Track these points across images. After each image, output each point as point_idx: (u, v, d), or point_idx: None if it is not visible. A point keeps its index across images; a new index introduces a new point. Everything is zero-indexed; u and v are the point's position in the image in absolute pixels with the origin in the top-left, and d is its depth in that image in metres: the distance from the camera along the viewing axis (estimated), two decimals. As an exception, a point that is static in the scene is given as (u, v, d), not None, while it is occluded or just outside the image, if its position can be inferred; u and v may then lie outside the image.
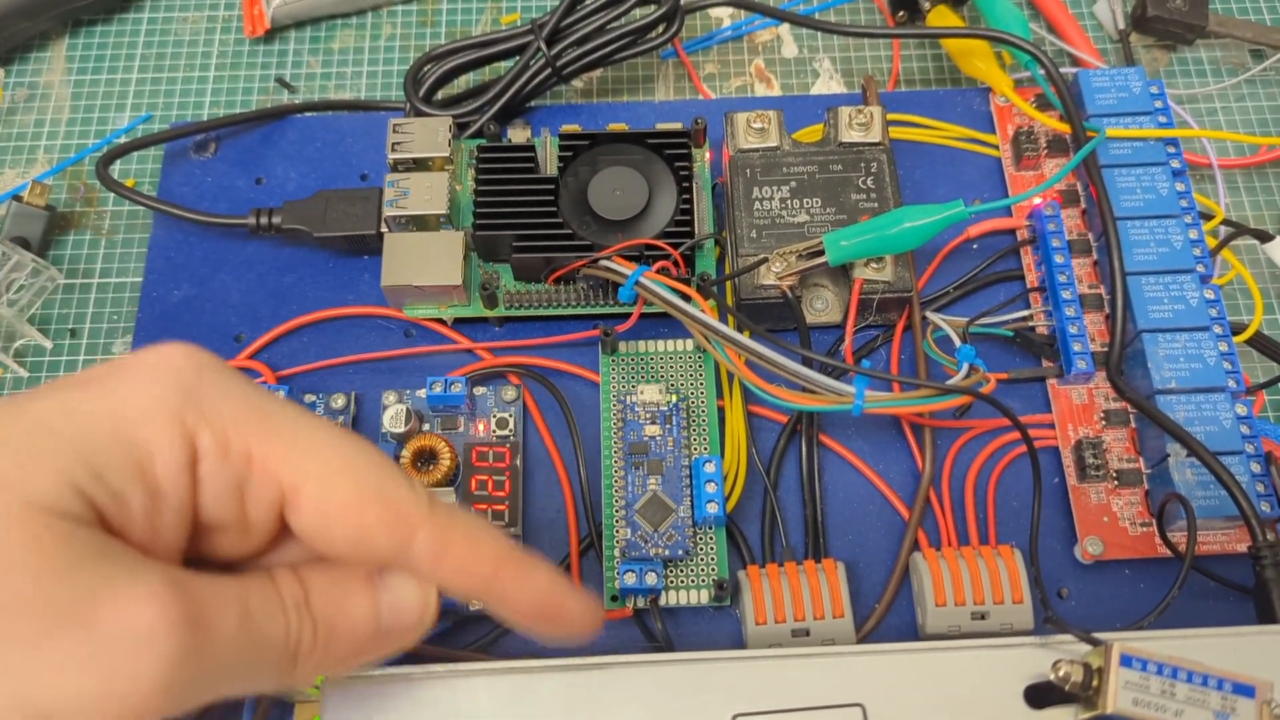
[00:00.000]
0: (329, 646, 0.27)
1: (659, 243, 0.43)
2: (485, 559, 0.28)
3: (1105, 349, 0.44)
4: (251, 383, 0.28)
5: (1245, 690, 0.30)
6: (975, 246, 0.48)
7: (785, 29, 0.57)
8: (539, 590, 0.29)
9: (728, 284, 0.45)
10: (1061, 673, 0.31)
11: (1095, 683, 0.31)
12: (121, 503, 0.24)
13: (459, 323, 0.46)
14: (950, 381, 0.39)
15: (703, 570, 0.41)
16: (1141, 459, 0.43)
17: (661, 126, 0.47)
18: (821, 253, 0.43)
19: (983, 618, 0.39)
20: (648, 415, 0.42)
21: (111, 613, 0.23)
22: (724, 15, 0.57)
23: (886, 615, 0.41)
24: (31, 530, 0.23)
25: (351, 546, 0.27)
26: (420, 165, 0.46)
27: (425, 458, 0.43)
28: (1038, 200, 0.47)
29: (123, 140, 0.52)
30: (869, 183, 0.45)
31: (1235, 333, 0.44)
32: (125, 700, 0.23)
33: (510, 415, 0.44)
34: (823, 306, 0.45)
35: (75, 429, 0.24)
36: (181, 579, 0.24)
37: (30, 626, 0.22)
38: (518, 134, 0.48)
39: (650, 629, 0.41)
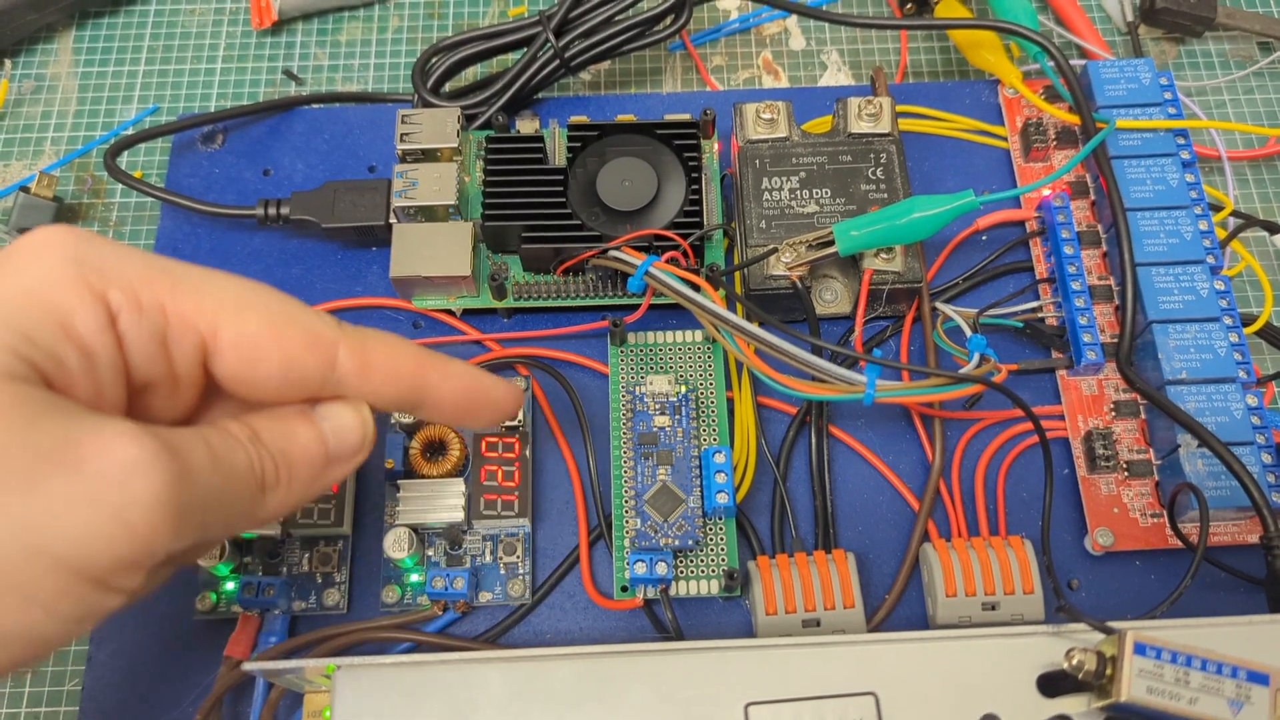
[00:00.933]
0: (290, 474, 0.29)
1: (668, 233, 0.43)
2: (406, 362, 0.30)
3: (1115, 340, 0.44)
4: (143, 250, 0.29)
5: (1259, 678, 0.30)
6: (984, 238, 0.48)
7: (793, 21, 0.57)
8: (462, 380, 0.32)
9: (737, 275, 0.45)
10: (1075, 661, 0.31)
11: (1109, 671, 0.31)
12: (59, 363, 0.25)
13: (468, 314, 0.46)
14: (962, 371, 0.39)
15: (713, 560, 0.41)
16: (1152, 450, 0.43)
17: (670, 117, 0.46)
18: (831, 243, 0.43)
19: (993, 608, 0.39)
20: (657, 406, 0.42)
21: (95, 451, 0.24)
22: (731, 7, 0.57)
23: (896, 606, 0.41)
24: None
25: (279, 378, 0.28)
26: (429, 156, 0.46)
27: (435, 448, 0.42)
28: (1047, 191, 0.47)
29: (130, 132, 0.52)
30: (878, 173, 0.45)
31: (1245, 324, 0.44)
32: (134, 528, 0.24)
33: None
34: (832, 298, 0.45)
35: None
36: (144, 424, 0.25)
37: (20, 475, 0.23)
38: (526, 125, 0.48)
39: (660, 619, 0.41)
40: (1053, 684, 0.32)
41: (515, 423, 0.43)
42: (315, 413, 0.30)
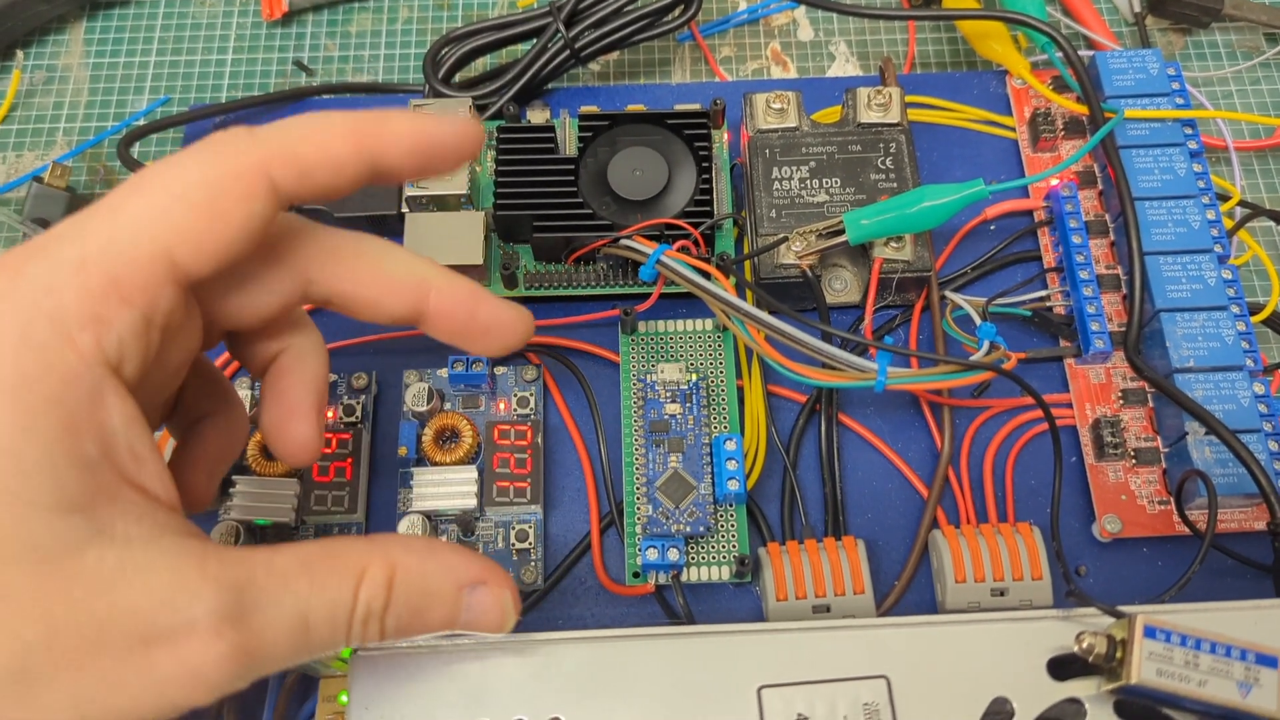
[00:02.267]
0: (389, 637, 0.28)
1: (679, 222, 0.43)
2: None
3: (1123, 329, 0.45)
4: None
5: (1269, 661, 0.31)
6: (993, 227, 0.48)
7: (801, 12, 0.57)
8: (504, 314, 0.32)
9: (747, 263, 0.45)
10: (1085, 644, 0.31)
11: (1119, 654, 0.31)
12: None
13: (479, 303, 0.47)
14: (972, 358, 0.40)
15: (724, 547, 0.41)
16: (1159, 438, 0.43)
17: (680, 107, 0.47)
18: (841, 232, 0.43)
19: (1002, 594, 0.39)
20: (668, 394, 0.43)
21: (167, 654, 0.24)
22: (740, -2, 0.57)
23: (906, 592, 0.42)
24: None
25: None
26: (440, 146, 0.46)
27: (447, 436, 0.43)
28: (1055, 181, 0.48)
29: (142, 122, 0.52)
30: (888, 163, 0.46)
31: (1252, 313, 0.44)
32: (189, 704, 0.25)
33: (531, 394, 0.44)
34: (842, 286, 0.46)
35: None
36: (239, 582, 0.25)
37: (81, 657, 0.23)
38: (536, 115, 0.48)
39: (671, 605, 0.41)
40: (1063, 667, 0.33)
41: (527, 411, 0.44)
42: (466, 598, 0.30)
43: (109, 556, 0.24)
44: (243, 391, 0.43)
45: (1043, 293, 0.46)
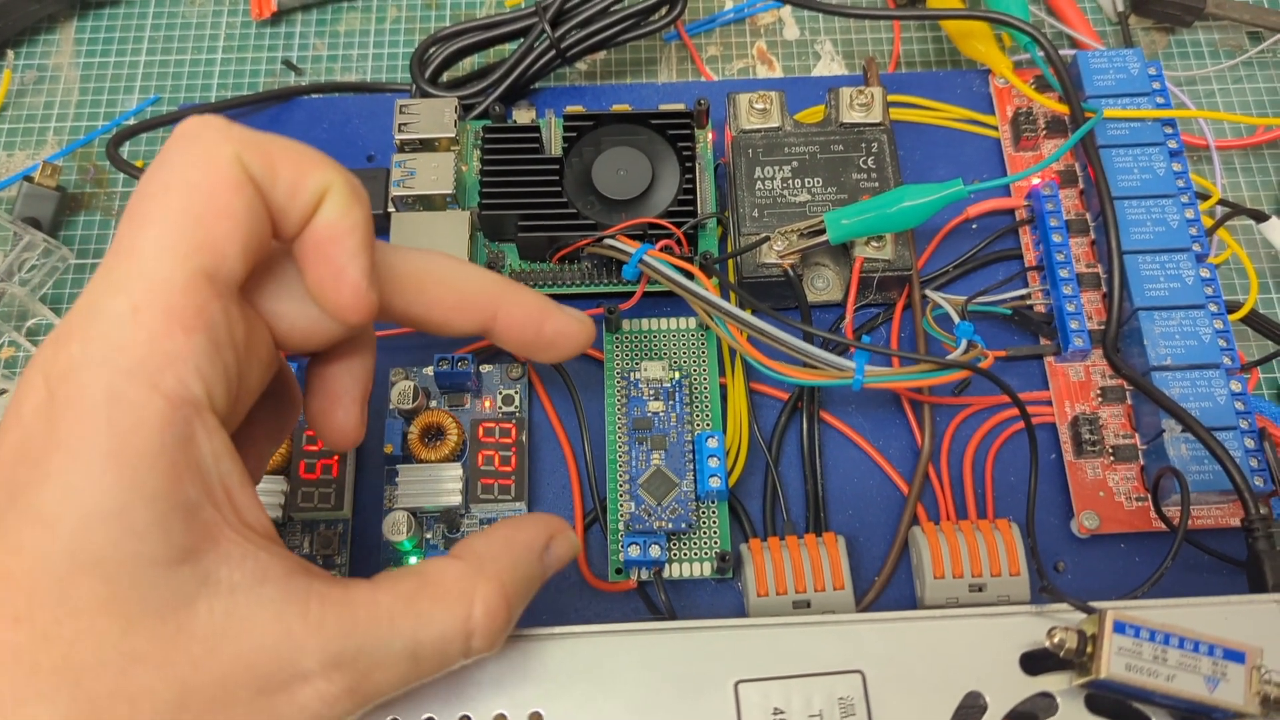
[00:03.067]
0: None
1: (662, 221, 0.44)
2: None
3: (1102, 327, 0.45)
4: None
5: (1235, 656, 0.31)
6: (974, 226, 0.49)
7: (787, 11, 0.58)
8: (568, 326, 0.34)
9: (730, 262, 0.45)
10: (1056, 639, 0.32)
11: (1089, 649, 0.31)
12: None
13: (465, 301, 0.47)
14: (949, 356, 0.40)
15: (705, 543, 0.42)
16: (1137, 435, 0.44)
17: (665, 107, 0.47)
18: (822, 231, 0.43)
19: (980, 590, 0.40)
20: (651, 392, 0.43)
21: (287, 702, 0.25)
22: (726, -2, 0.58)
23: (886, 588, 0.42)
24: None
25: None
26: (426, 146, 0.47)
27: (432, 433, 0.43)
28: (1036, 180, 0.48)
29: (132, 122, 0.53)
30: (870, 163, 0.46)
31: (1230, 311, 0.45)
32: None
33: (516, 392, 0.44)
34: (824, 285, 0.46)
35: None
36: (345, 628, 0.26)
37: None
38: (522, 115, 0.49)
39: (654, 601, 0.42)
40: (1035, 662, 0.33)
41: (512, 408, 0.44)
42: (549, 561, 0.33)
43: (217, 608, 0.25)
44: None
45: (1023, 291, 0.46)
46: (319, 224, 0.27)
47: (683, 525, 0.41)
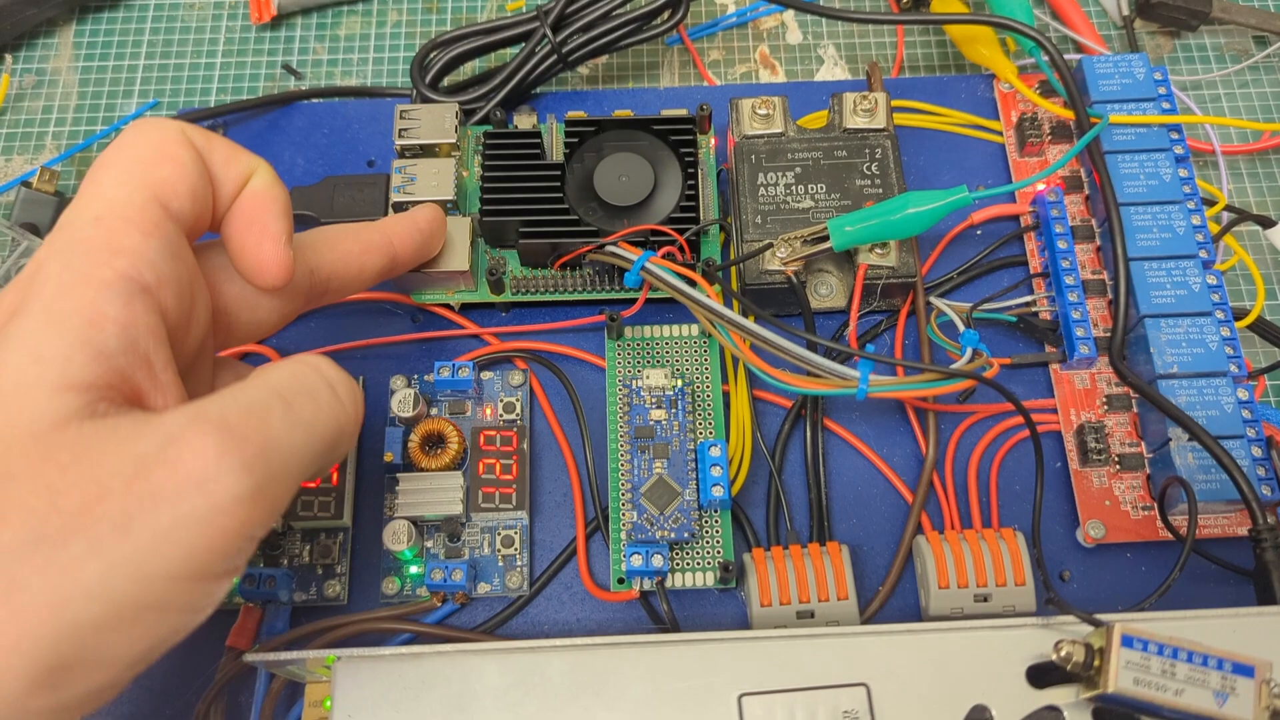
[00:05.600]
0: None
1: (665, 228, 0.43)
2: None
3: (1108, 334, 0.45)
4: None
5: (1245, 670, 0.31)
6: (979, 232, 0.48)
7: (790, 15, 0.57)
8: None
9: (733, 269, 0.45)
10: (1063, 653, 0.31)
11: (1096, 663, 0.31)
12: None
13: (466, 308, 0.47)
14: (954, 366, 0.40)
15: (708, 553, 0.42)
16: (1143, 443, 0.44)
17: (667, 113, 0.47)
18: (826, 238, 0.43)
19: (985, 600, 0.39)
20: (653, 400, 0.43)
21: (168, 474, 0.25)
22: (729, 1, 0.57)
23: (890, 597, 0.42)
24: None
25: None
26: (427, 151, 0.47)
27: (433, 441, 0.43)
28: (1041, 186, 0.48)
29: (131, 127, 0.53)
30: (873, 169, 0.46)
31: (1237, 318, 0.45)
32: (227, 529, 0.26)
33: (517, 399, 0.44)
34: (827, 292, 0.46)
35: None
36: (207, 410, 0.27)
37: (109, 518, 0.25)
38: (524, 120, 0.48)
39: (656, 611, 0.41)
40: (1042, 675, 0.33)
41: (513, 416, 0.44)
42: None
43: (97, 426, 0.26)
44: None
45: (1028, 298, 0.46)
46: (248, 191, 0.32)
47: (685, 534, 0.41)
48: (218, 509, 0.25)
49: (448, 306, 0.47)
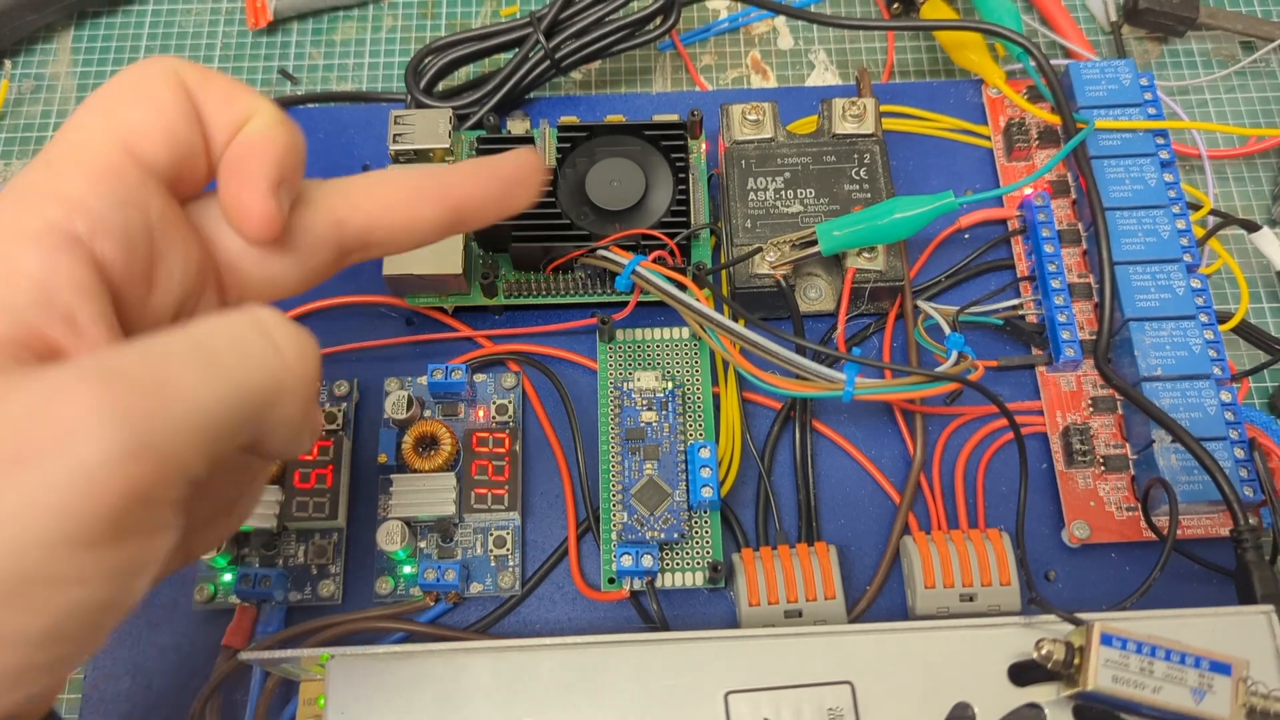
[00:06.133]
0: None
1: (655, 233, 0.44)
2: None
3: (1094, 337, 0.45)
4: None
5: (1222, 668, 0.31)
6: (967, 236, 0.49)
7: (781, 21, 0.58)
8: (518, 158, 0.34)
9: (723, 273, 0.46)
10: (1044, 651, 0.32)
11: (1076, 661, 0.32)
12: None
13: (459, 311, 0.47)
14: (939, 369, 0.40)
15: (698, 553, 0.42)
16: (1128, 445, 0.44)
17: (658, 118, 0.47)
18: (814, 242, 0.43)
19: (971, 599, 0.40)
20: (644, 402, 0.43)
21: (24, 432, 0.22)
22: (721, 7, 0.58)
23: (877, 597, 0.42)
24: None
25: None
26: (421, 156, 0.47)
27: (426, 443, 0.43)
28: (1028, 190, 0.48)
29: (128, 131, 0.53)
30: (862, 174, 0.46)
31: (1221, 321, 0.45)
32: (107, 486, 0.22)
33: (510, 401, 0.45)
34: (816, 295, 0.46)
35: None
36: (106, 362, 0.23)
37: None
38: (517, 125, 0.49)
39: (646, 610, 0.42)
40: (1023, 673, 0.33)
41: (505, 418, 0.44)
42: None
43: None
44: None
45: (1015, 301, 0.47)
46: (241, 135, 0.28)
47: (675, 535, 0.41)
48: (88, 466, 0.21)
49: (442, 310, 0.47)
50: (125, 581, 0.24)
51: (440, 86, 0.53)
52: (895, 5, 0.56)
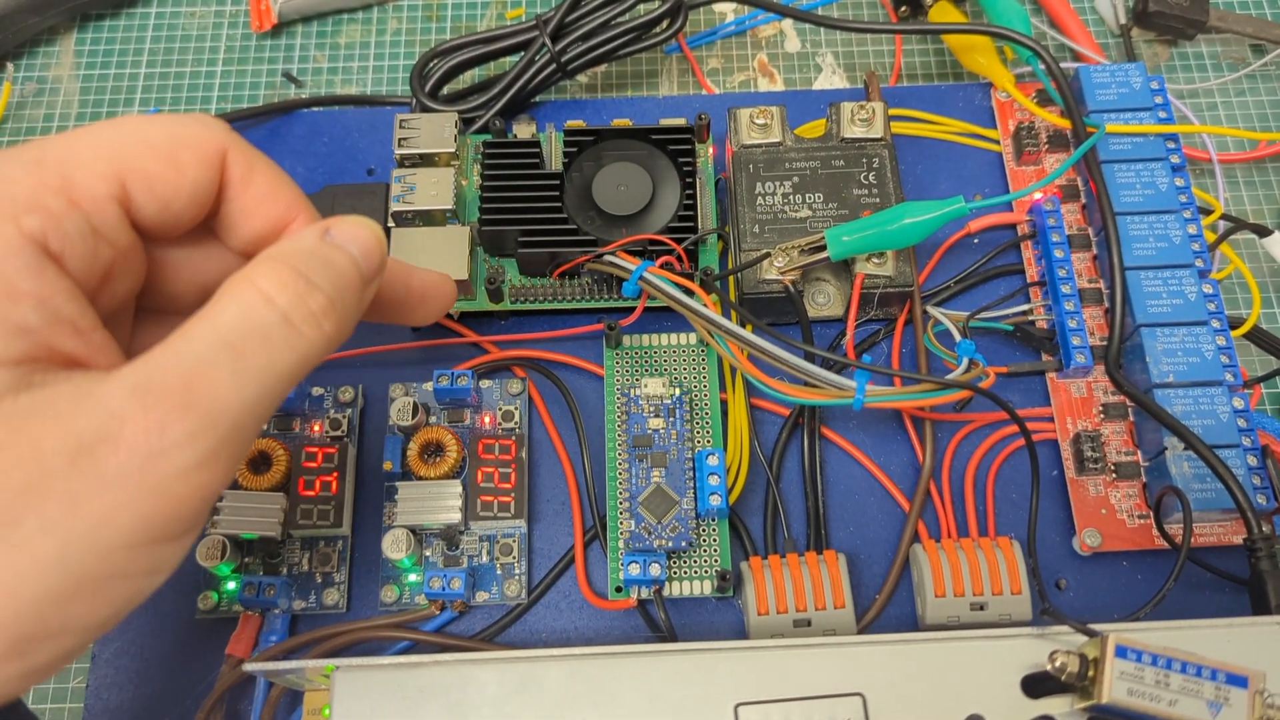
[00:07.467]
0: (342, 313, 0.29)
1: (663, 238, 0.43)
2: (286, 188, 0.31)
3: (1104, 343, 0.45)
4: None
5: (1238, 681, 0.31)
6: (976, 241, 0.49)
7: (788, 24, 0.57)
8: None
9: (730, 279, 0.45)
10: (1058, 663, 0.32)
11: (1091, 673, 0.31)
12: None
13: (465, 316, 0.47)
14: (950, 376, 0.40)
15: (706, 561, 0.42)
16: (1139, 452, 0.44)
17: (665, 122, 0.47)
18: (823, 248, 0.43)
19: (981, 609, 0.40)
20: (651, 408, 0.43)
21: (111, 449, 0.24)
22: (727, 10, 0.58)
23: (887, 606, 0.42)
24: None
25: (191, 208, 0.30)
26: (426, 160, 0.47)
27: (432, 450, 0.43)
28: (1038, 195, 0.48)
29: (131, 135, 0.53)
30: (870, 178, 0.46)
31: (1233, 327, 0.45)
32: (181, 497, 0.25)
33: (515, 408, 0.44)
34: (825, 301, 0.46)
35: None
36: (138, 361, 0.25)
37: (58, 493, 0.24)
38: (523, 129, 0.49)
39: (654, 619, 0.42)
40: (1037, 685, 0.33)
41: (511, 424, 0.44)
42: (332, 238, 0.29)
43: (33, 399, 0.25)
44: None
45: (1025, 307, 0.46)
46: (424, 277, 0.34)
47: (683, 543, 0.41)
48: (168, 479, 0.24)
49: (447, 315, 0.47)
50: (173, 568, 0.27)
51: (445, 90, 0.52)
52: (903, 8, 0.56)
